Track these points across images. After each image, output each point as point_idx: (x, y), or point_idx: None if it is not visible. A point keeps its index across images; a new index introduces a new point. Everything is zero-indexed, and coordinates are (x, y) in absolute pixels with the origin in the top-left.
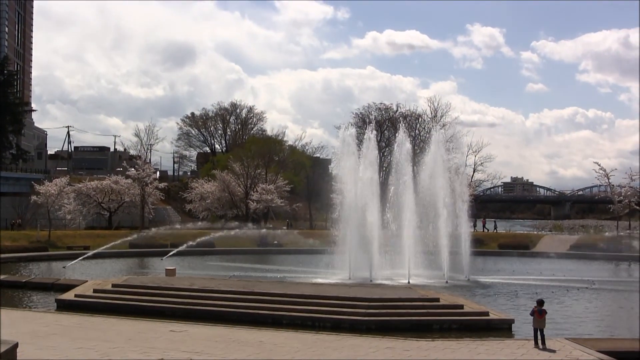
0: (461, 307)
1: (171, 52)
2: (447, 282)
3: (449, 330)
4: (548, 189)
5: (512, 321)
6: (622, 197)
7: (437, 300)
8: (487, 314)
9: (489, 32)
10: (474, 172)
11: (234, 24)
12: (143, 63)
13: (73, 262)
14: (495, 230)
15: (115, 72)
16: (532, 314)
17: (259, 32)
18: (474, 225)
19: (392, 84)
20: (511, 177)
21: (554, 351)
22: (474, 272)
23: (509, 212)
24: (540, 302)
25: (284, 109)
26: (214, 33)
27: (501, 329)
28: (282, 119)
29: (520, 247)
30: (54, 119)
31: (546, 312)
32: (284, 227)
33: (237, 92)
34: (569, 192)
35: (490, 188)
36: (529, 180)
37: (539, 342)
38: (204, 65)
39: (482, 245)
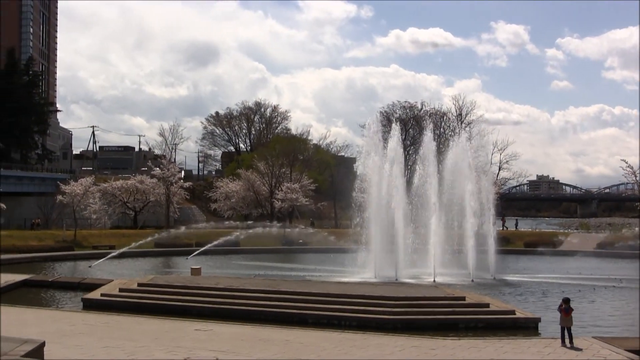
0: (487, 305)
1: (194, 52)
2: (472, 280)
3: (475, 329)
4: (574, 187)
5: (538, 320)
6: None
7: (463, 299)
8: (513, 312)
9: (513, 29)
10: (499, 170)
11: (256, 23)
12: (166, 63)
13: (99, 261)
14: (516, 229)
15: (139, 72)
16: (559, 310)
17: (282, 31)
18: (503, 224)
19: (416, 82)
20: (537, 175)
21: (581, 350)
22: (500, 271)
23: (535, 210)
24: (567, 300)
25: (308, 107)
26: (237, 32)
27: (527, 327)
28: (306, 118)
29: (546, 246)
30: (78, 119)
31: (573, 310)
32: (302, 226)
33: (260, 91)
34: (595, 190)
35: (516, 186)
36: (555, 178)
37: (566, 340)
38: (227, 65)
39: (508, 244)
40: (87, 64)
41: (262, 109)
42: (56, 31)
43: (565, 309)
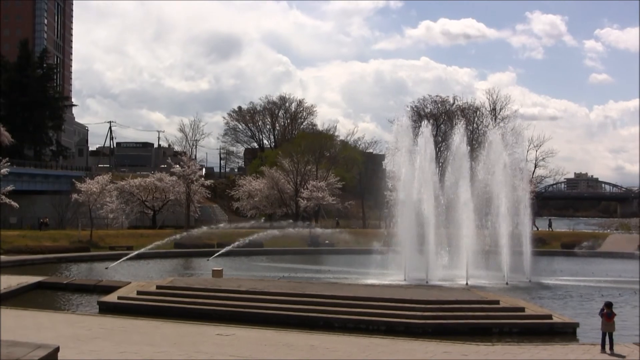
0: (522, 310)
1: (215, 44)
2: (507, 283)
3: (510, 334)
4: (614, 185)
5: (576, 325)
6: None
7: (497, 302)
8: (549, 317)
9: (549, 19)
10: (535, 167)
11: (280, 14)
12: (186, 55)
13: (116, 263)
14: (550, 229)
15: (158, 65)
16: (601, 315)
17: (307, 22)
18: (533, 224)
19: (447, 75)
20: (574, 173)
21: (622, 357)
22: (536, 273)
23: (572, 209)
24: (609, 305)
25: (335, 102)
26: (260, 23)
27: (565, 333)
28: (332, 113)
29: (585, 247)
30: (94, 114)
31: (615, 315)
32: (327, 227)
33: (285, 85)
34: (636, 188)
35: (553, 185)
36: (594, 176)
37: (607, 347)
38: (250, 57)
39: (544, 245)
40: (104, 56)
41: (287, 104)
42: (71, 22)
43: (608, 313)
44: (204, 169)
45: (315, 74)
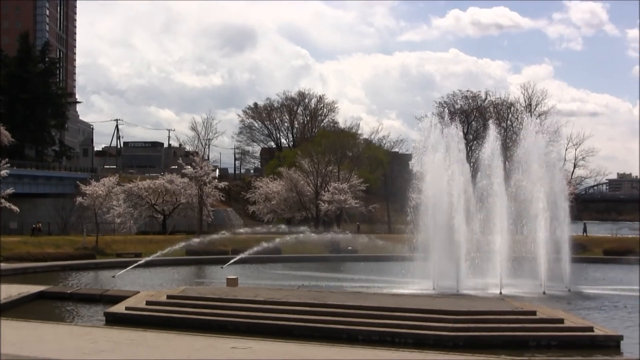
0: (561, 321)
1: (229, 36)
2: (544, 292)
3: (547, 348)
4: None
5: (620, 338)
6: None
7: (534, 313)
8: (591, 329)
9: (589, 7)
10: (574, 167)
11: (298, 3)
12: (197, 48)
13: (123, 270)
14: (584, 234)
15: (167, 59)
16: None
17: (327, 12)
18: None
19: (478, 68)
20: (617, 174)
21: None
22: (576, 282)
23: (615, 213)
24: None
25: (357, 98)
26: (277, 14)
27: (607, 346)
28: (354, 110)
29: (629, 254)
30: (99, 112)
31: None
32: (347, 231)
33: (303, 79)
34: None
35: (593, 186)
36: (638, 177)
37: None
38: (266, 50)
39: (584, 251)
40: (109, 50)
41: (306, 100)
42: (75, 13)
43: None
44: (217, 170)
45: (336, 67)
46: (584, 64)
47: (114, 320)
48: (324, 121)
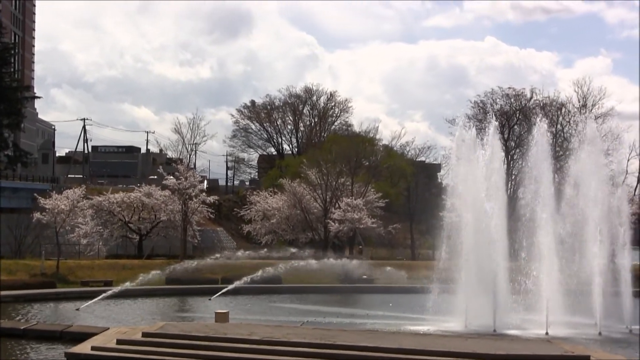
0: None
1: (219, 18)
2: (600, 333)
3: None
4: None
5: None
6: None
7: (588, 358)
8: None
9: None
10: (638, 182)
11: None
12: (182, 33)
13: (90, 302)
14: None
15: (145, 46)
16: None
17: None
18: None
19: (520, 61)
20: None
21: None
22: (638, 321)
23: None
24: None
25: (374, 95)
26: None
27: None
28: (372, 110)
29: None
30: (62, 109)
31: None
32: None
33: (310, 72)
34: None
35: None
36: None
37: None
38: (265, 37)
39: None
40: (74, 33)
41: (314, 98)
42: None
43: None
44: (205, 182)
45: (350, 58)
46: None
47: None
48: (335, 123)
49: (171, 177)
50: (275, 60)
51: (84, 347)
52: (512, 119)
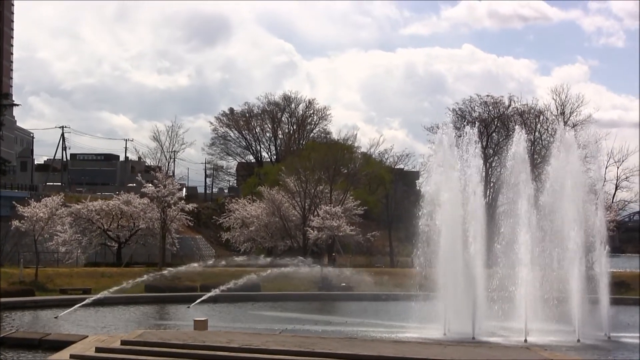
0: None
1: (197, 26)
2: (578, 340)
3: None
4: None
5: None
6: None
7: None
8: None
9: None
10: (616, 189)
11: None
12: (159, 41)
13: (68, 310)
14: None
15: (122, 54)
16: None
17: None
18: None
19: (498, 68)
20: None
21: None
22: (617, 328)
23: None
24: None
25: (352, 103)
26: (255, 0)
27: None
28: (350, 117)
29: None
30: (40, 117)
31: None
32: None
33: (288, 80)
34: None
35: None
36: None
37: None
38: (243, 44)
39: (627, 291)
40: (51, 41)
41: (292, 105)
42: None
43: None
44: (184, 189)
45: (327, 66)
46: (626, 64)
47: None
48: (314, 131)
49: (150, 184)
50: (254, 67)
51: (62, 355)
52: (491, 126)
